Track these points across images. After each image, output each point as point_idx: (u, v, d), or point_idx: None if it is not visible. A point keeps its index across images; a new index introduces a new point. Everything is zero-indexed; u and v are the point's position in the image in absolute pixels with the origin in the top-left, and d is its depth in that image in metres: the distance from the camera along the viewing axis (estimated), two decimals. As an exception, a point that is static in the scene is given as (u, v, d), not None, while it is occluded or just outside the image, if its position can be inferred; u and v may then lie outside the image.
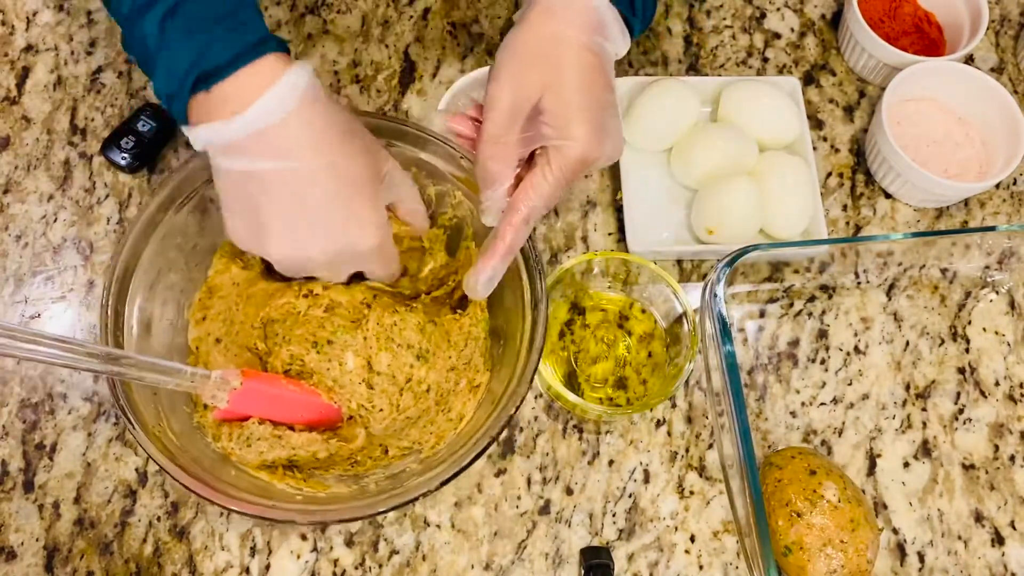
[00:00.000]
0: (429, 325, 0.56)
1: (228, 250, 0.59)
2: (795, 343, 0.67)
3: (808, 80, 0.77)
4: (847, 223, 0.71)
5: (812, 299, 0.68)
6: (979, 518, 0.62)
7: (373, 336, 0.55)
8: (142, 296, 0.54)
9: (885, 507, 0.62)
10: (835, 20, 0.80)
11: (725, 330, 0.57)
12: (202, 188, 0.56)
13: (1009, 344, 0.68)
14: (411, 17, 0.76)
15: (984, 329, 0.68)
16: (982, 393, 0.66)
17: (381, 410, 0.55)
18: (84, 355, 0.43)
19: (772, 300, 0.68)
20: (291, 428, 0.54)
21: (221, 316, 0.58)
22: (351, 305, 0.56)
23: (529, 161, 0.53)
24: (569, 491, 0.61)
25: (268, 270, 0.58)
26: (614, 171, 0.71)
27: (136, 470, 0.60)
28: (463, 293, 0.56)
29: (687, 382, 0.64)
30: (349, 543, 0.59)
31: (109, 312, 0.52)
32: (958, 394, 0.66)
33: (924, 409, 0.65)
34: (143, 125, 0.68)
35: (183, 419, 0.53)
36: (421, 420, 0.57)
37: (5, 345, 0.40)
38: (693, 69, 0.76)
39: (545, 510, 0.61)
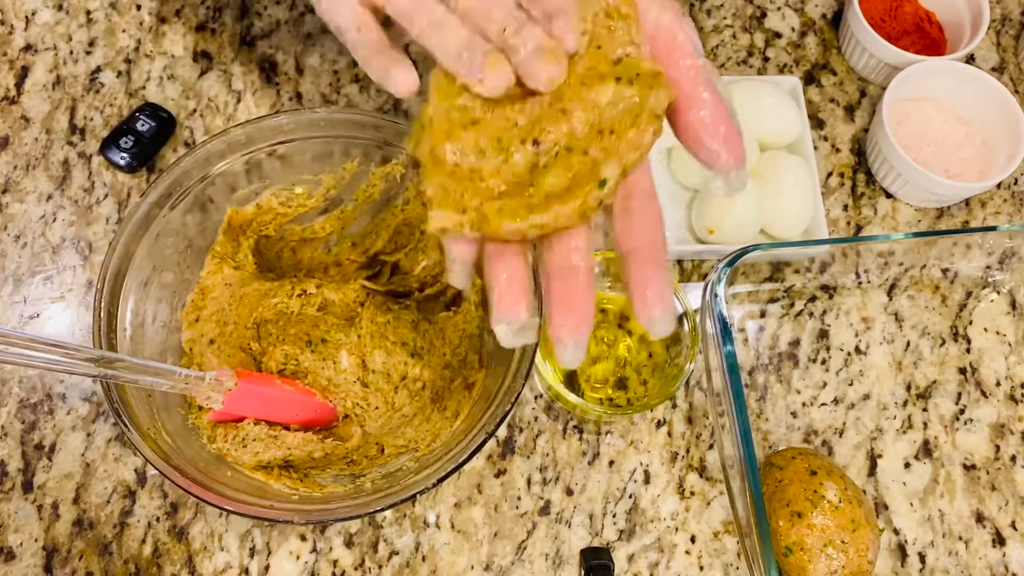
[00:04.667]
0: (423, 323, 0.56)
1: (219, 251, 0.59)
2: (796, 343, 0.67)
3: (809, 79, 0.77)
4: (848, 223, 0.71)
5: (813, 299, 0.68)
6: (980, 518, 0.62)
7: (367, 334, 0.55)
8: (135, 297, 0.54)
9: (886, 508, 0.62)
10: (836, 19, 0.80)
11: (725, 330, 0.57)
12: (195, 187, 0.55)
13: (1010, 344, 0.67)
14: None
15: (985, 329, 0.68)
16: (983, 393, 0.66)
17: (376, 408, 0.55)
18: (79, 359, 0.43)
19: (773, 300, 0.68)
20: (286, 428, 0.54)
21: (214, 317, 0.58)
22: (344, 304, 0.56)
23: None
24: (569, 492, 0.61)
25: (260, 269, 0.58)
26: (614, 171, 0.70)
27: (135, 471, 0.60)
28: (457, 290, 0.56)
29: (687, 382, 0.64)
30: (349, 544, 0.59)
31: (102, 314, 0.51)
32: (959, 394, 0.66)
33: (925, 409, 0.65)
34: (142, 125, 0.68)
35: (178, 420, 0.53)
36: (416, 418, 0.57)
37: (1, 351, 0.40)
38: (693, 69, 0.76)
39: (545, 511, 0.60)
